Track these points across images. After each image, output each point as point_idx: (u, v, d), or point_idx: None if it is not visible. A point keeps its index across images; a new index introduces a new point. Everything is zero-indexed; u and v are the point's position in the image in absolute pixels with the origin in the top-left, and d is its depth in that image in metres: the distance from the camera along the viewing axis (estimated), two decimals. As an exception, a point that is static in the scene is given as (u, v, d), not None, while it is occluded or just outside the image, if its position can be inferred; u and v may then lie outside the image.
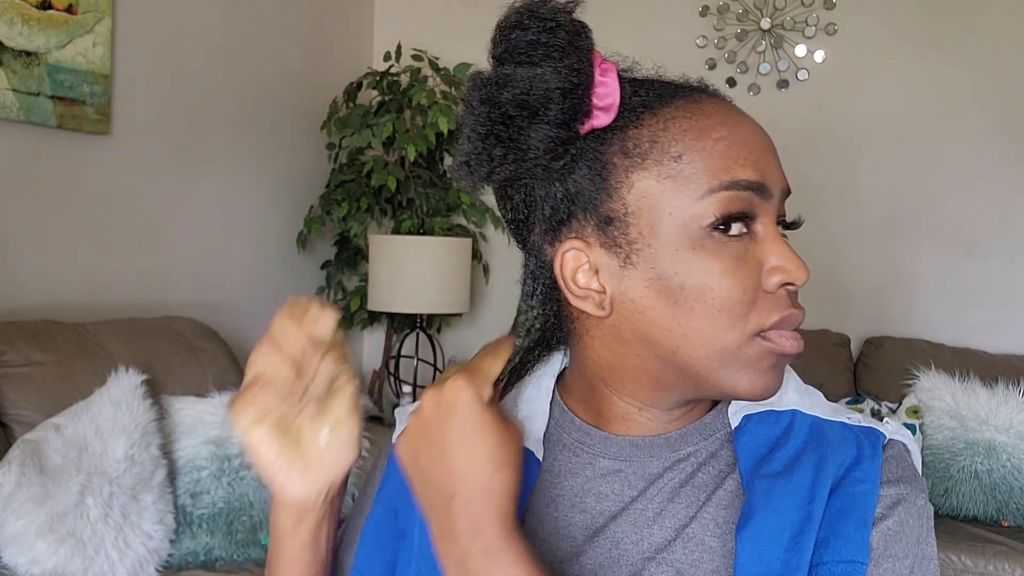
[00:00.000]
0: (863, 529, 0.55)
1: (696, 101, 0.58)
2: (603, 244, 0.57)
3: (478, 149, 0.56)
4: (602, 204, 0.57)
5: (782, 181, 0.58)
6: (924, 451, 2.43)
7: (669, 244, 0.55)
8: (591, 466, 0.62)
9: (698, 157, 0.55)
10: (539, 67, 0.55)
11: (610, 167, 0.56)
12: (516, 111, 0.55)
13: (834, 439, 0.59)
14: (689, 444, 0.62)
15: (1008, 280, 2.86)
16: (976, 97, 2.87)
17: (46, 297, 2.19)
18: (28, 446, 1.66)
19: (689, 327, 0.56)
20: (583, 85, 0.55)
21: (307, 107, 3.10)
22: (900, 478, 0.58)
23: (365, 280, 3.03)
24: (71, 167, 2.26)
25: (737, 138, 0.56)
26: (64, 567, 1.59)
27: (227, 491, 1.88)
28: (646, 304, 0.57)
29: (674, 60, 2.76)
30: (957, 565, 2.17)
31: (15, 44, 2.06)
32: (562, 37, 0.55)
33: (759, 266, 0.56)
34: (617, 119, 0.57)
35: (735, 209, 0.55)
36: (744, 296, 0.55)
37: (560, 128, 0.55)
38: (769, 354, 0.56)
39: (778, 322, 0.56)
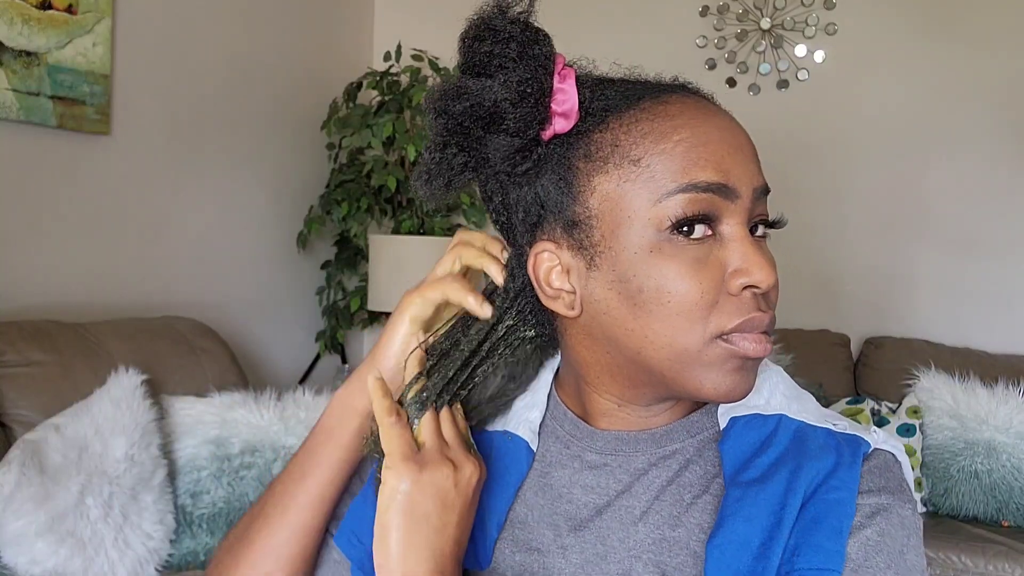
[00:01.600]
0: (836, 538, 0.55)
1: (662, 102, 0.57)
2: (570, 246, 0.59)
3: (436, 159, 0.58)
4: (567, 208, 0.58)
5: (754, 180, 0.57)
6: (924, 451, 2.43)
7: (628, 247, 0.56)
8: (579, 458, 0.64)
9: (657, 160, 0.55)
10: (492, 78, 0.56)
11: (574, 171, 0.58)
12: (471, 122, 0.57)
13: (814, 447, 0.59)
14: (675, 441, 0.63)
15: (1008, 280, 2.86)
16: (976, 97, 2.87)
17: (46, 297, 2.19)
18: (28, 446, 1.66)
19: (649, 329, 0.56)
20: (537, 94, 0.56)
21: (307, 107, 3.10)
22: (882, 488, 0.57)
23: (365, 280, 3.03)
24: (71, 167, 2.26)
25: (700, 139, 0.56)
26: (64, 567, 1.59)
27: (227, 491, 1.88)
28: (610, 305, 0.58)
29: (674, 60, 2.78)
30: (957, 565, 2.17)
31: (15, 44, 2.06)
32: (513, 48, 0.56)
33: (722, 269, 0.56)
34: (581, 123, 0.58)
35: (693, 212, 0.55)
36: (702, 299, 0.55)
37: (517, 136, 0.57)
38: (731, 356, 0.56)
39: (740, 325, 0.55)
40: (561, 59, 0.58)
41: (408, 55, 3.10)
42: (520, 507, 0.65)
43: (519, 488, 0.66)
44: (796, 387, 0.65)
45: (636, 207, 0.56)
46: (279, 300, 3.05)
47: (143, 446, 1.77)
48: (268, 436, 1.94)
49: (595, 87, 0.59)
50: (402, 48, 3.08)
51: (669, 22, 3.15)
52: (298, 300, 3.14)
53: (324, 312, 3.18)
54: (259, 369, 2.84)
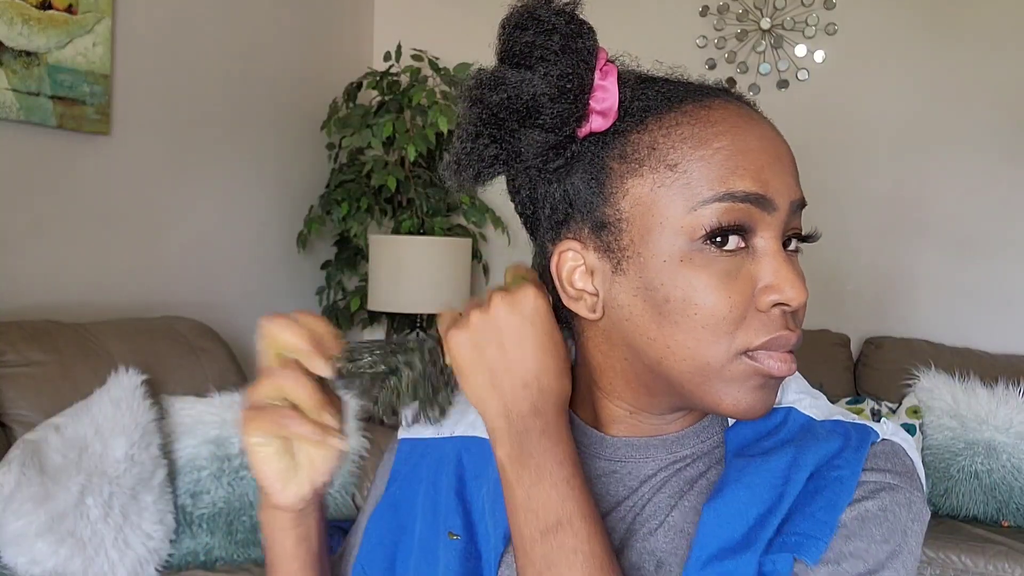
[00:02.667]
0: (830, 510, 0.54)
1: (705, 106, 0.55)
2: (597, 248, 0.57)
3: (467, 149, 0.56)
4: (597, 208, 0.56)
5: (792, 193, 0.56)
6: (924, 451, 2.43)
7: (658, 254, 0.54)
8: (587, 467, 0.63)
9: (695, 166, 0.53)
10: (532, 71, 0.54)
11: (607, 172, 0.56)
12: (506, 114, 0.55)
13: (821, 433, 0.58)
14: (686, 447, 0.62)
15: (1008, 280, 2.86)
16: (976, 97, 2.87)
17: (46, 297, 2.19)
18: (28, 446, 1.66)
19: (672, 340, 0.55)
20: (577, 90, 0.54)
21: (307, 107, 3.10)
22: (889, 470, 0.56)
23: (365, 280, 3.03)
24: (71, 167, 2.26)
25: (740, 147, 0.54)
26: (64, 567, 1.59)
27: (227, 491, 1.88)
28: (633, 312, 0.56)
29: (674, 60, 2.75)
30: (957, 565, 2.17)
31: (15, 44, 2.06)
32: (556, 41, 0.54)
33: (752, 283, 0.54)
34: (619, 123, 0.56)
35: (728, 222, 0.53)
36: (730, 313, 0.53)
37: (552, 132, 0.55)
38: (755, 374, 0.54)
39: (767, 343, 0.54)
40: (604, 54, 0.56)
41: (408, 55, 3.10)
42: None
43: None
44: (809, 387, 0.65)
45: (669, 213, 0.54)
46: (279, 300, 3.05)
47: (143, 446, 1.77)
48: (268, 436, 1.93)
49: (636, 86, 0.57)
50: (402, 48, 3.08)
51: (669, 22, 3.15)
52: (298, 300, 3.14)
53: (324, 312, 3.18)
54: (259, 369, 2.83)
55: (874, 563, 0.53)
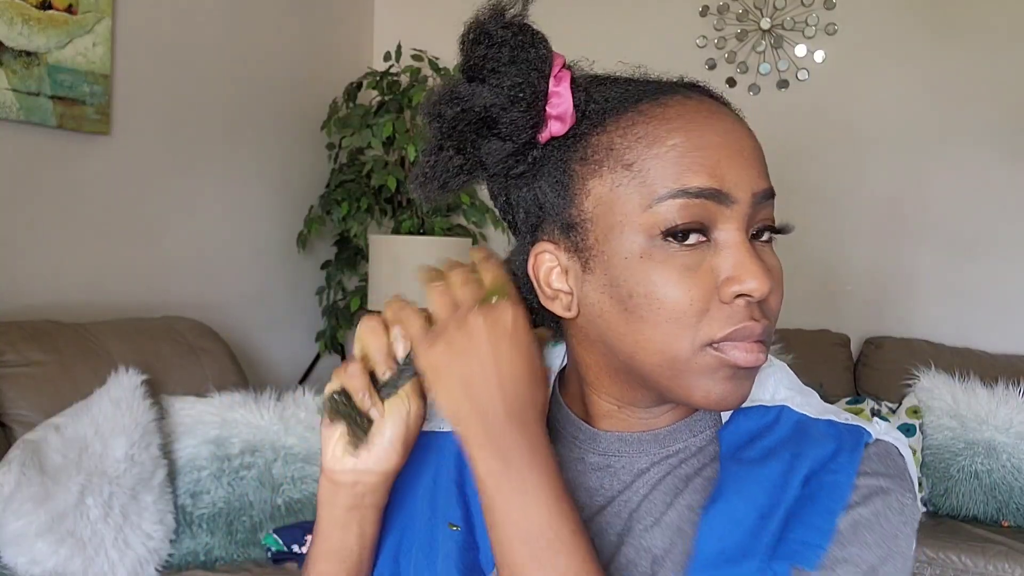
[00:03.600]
0: (827, 516, 0.54)
1: (661, 104, 0.56)
2: (567, 248, 0.59)
3: (431, 162, 0.58)
4: (564, 210, 0.58)
5: (755, 185, 0.56)
6: (924, 451, 2.43)
7: (620, 252, 0.56)
8: (582, 461, 0.64)
9: (650, 164, 0.55)
10: (484, 83, 0.56)
11: (571, 174, 0.57)
12: (464, 126, 0.57)
13: (815, 435, 0.59)
14: (678, 440, 0.62)
15: (1008, 280, 2.86)
16: (976, 97, 2.87)
17: (46, 297, 2.19)
18: (28, 446, 1.66)
19: (640, 335, 0.56)
20: (530, 98, 0.56)
21: (307, 107, 3.10)
22: (882, 473, 0.57)
23: (365, 280, 3.03)
24: (71, 167, 2.26)
25: (695, 143, 0.55)
26: (64, 567, 1.59)
27: (227, 491, 1.88)
28: (603, 309, 0.57)
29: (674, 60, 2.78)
30: (957, 565, 2.17)
31: (15, 44, 2.06)
32: (506, 53, 0.56)
33: (715, 276, 0.55)
34: (579, 125, 0.57)
35: (684, 218, 0.54)
36: (692, 307, 0.54)
37: (510, 140, 0.57)
38: (722, 365, 0.55)
39: (730, 334, 0.54)
40: (559, 61, 0.58)
41: (408, 55, 3.10)
42: None
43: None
44: (801, 384, 0.65)
45: (628, 212, 0.55)
46: (279, 300, 3.05)
47: (143, 446, 1.77)
48: (268, 436, 1.94)
49: (592, 89, 0.58)
50: (402, 48, 3.08)
51: (669, 22, 3.15)
52: (298, 300, 3.14)
53: (324, 312, 3.18)
54: (259, 369, 2.84)
55: (867, 568, 0.54)
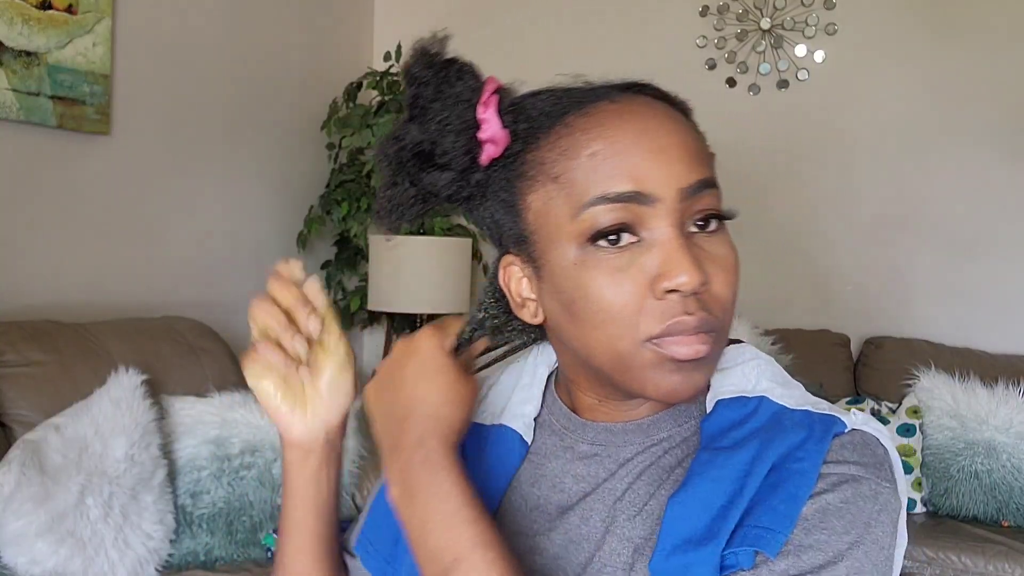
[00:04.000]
0: (790, 503, 0.55)
1: (584, 114, 0.58)
2: (524, 260, 0.62)
3: (387, 196, 0.63)
4: (514, 225, 0.61)
5: (680, 180, 0.56)
6: (924, 451, 2.43)
7: (559, 261, 0.58)
8: (572, 449, 0.66)
9: (573, 175, 0.57)
10: (415, 120, 0.61)
11: (513, 192, 0.61)
12: (406, 162, 0.61)
13: (788, 424, 0.59)
14: (663, 430, 0.64)
15: (1008, 280, 2.86)
16: (976, 97, 2.87)
17: (46, 297, 2.19)
18: (28, 446, 1.66)
19: (588, 337, 0.58)
20: (459, 128, 0.60)
21: (307, 107, 3.10)
22: (854, 461, 0.56)
23: (365, 280, 3.03)
24: (71, 167, 2.26)
25: (612, 148, 0.56)
26: (64, 567, 1.59)
27: (227, 491, 1.88)
28: (557, 315, 0.61)
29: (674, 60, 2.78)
30: (957, 565, 2.17)
31: (15, 44, 2.06)
32: (430, 91, 0.60)
33: (646, 274, 0.56)
34: (514, 145, 0.60)
35: (607, 223, 0.56)
36: (626, 306, 0.56)
37: (449, 169, 0.61)
38: (664, 360, 0.56)
39: (665, 329, 0.56)
40: (490, 86, 0.60)
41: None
42: (515, 497, 0.67)
43: (512, 479, 0.68)
44: (785, 376, 0.65)
45: (560, 223, 0.58)
46: (279, 300, 3.04)
47: (143, 446, 1.77)
48: (268, 436, 1.94)
49: (525, 108, 0.61)
50: (402, 48, 3.07)
51: (669, 22, 3.15)
52: (298, 300, 3.14)
53: (324, 312, 3.17)
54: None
55: (833, 554, 0.53)
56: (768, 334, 2.74)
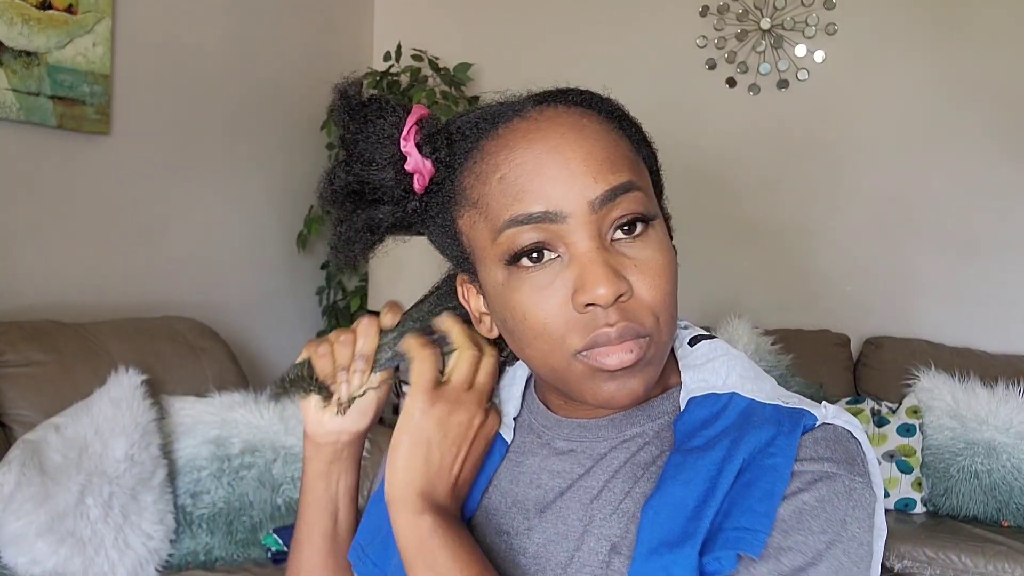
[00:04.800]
0: (767, 501, 0.54)
1: (494, 136, 0.59)
2: (470, 279, 0.65)
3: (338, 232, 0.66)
4: (455, 247, 0.63)
5: (587, 193, 0.56)
6: (924, 451, 2.43)
7: (489, 282, 0.61)
8: (549, 446, 0.67)
9: (487, 200, 0.58)
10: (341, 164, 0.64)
11: (448, 216, 0.63)
12: (343, 199, 0.65)
13: (758, 420, 0.59)
14: (635, 425, 0.64)
15: (1008, 280, 2.86)
16: (976, 97, 2.87)
17: (46, 297, 2.19)
18: (28, 446, 1.66)
19: (524, 352, 0.61)
20: (383, 163, 0.62)
21: (307, 107, 3.10)
22: (827, 458, 0.56)
23: (365, 280, 3.03)
24: (71, 167, 2.26)
25: (518, 171, 0.57)
26: (64, 567, 1.59)
27: (227, 491, 1.88)
28: (501, 330, 0.63)
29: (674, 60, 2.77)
30: (957, 565, 2.17)
31: (15, 44, 2.06)
32: (353, 129, 0.63)
33: (567, 289, 0.57)
34: (440, 172, 0.62)
35: (521, 245, 0.57)
36: (548, 323, 0.57)
37: (384, 202, 0.64)
38: (594, 371, 0.57)
39: (590, 342, 0.56)
40: (412, 117, 0.62)
41: (408, 55, 3.10)
42: (495, 494, 0.68)
43: (492, 477, 0.69)
44: (755, 369, 0.65)
45: (484, 246, 0.59)
46: (279, 300, 3.05)
47: (143, 446, 1.77)
48: (268, 436, 1.94)
49: (442, 136, 0.62)
50: (402, 48, 3.08)
51: (669, 22, 3.15)
52: (298, 300, 3.14)
53: (324, 312, 3.18)
54: (259, 369, 2.83)
55: (812, 555, 0.53)
56: (768, 334, 2.74)
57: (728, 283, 3.07)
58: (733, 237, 3.10)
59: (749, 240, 3.11)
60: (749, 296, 3.06)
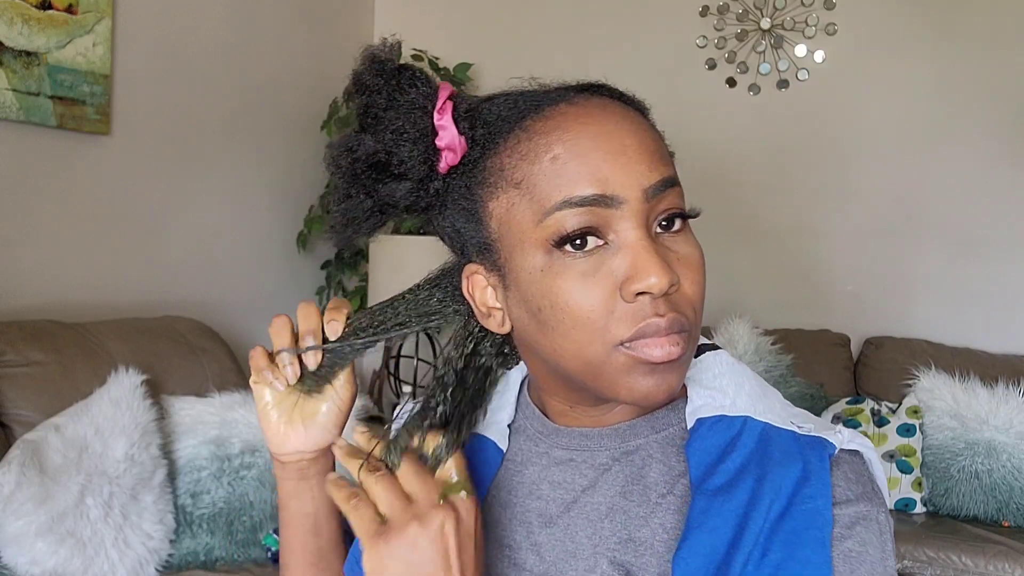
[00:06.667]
0: (821, 550, 0.54)
1: (543, 117, 0.57)
2: (488, 268, 0.61)
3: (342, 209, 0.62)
4: (477, 233, 0.60)
5: (643, 181, 0.55)
6: (924, 451, 2.43)
7: (524, 268, 0.57)
8: (547, 455, 0.65)
9: (535, 180, 0.56)
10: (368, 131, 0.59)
11: (474, 199, 0.59)
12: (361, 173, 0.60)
13: (778, 453, 0.58)
14: (639, 436, 0.63)
15: (1008, 280, 2.86)
16: (976, 97, 2.87)
17: (46, 297, 2.19)
18: (28, 446, 1.66)
19: (556, 344, 0.57)
20: (415, 137, 0.58)
21: (307, 107, 3.10)
22: (859, 496, 0.57)
23: (365, 280, 3.03)
24: (71, 167, 2.26)
25: (573, 152, 0.55)
26: (64, 567, 1.59)
27: (227, 491, 1.88)
28: (525, 322, 0.59)
29: (674, 60, 2.77)
30: (957, 565, 2.17)
31: (15, 44, 2.06)
32: (383, 99, 0.59)
33: (615, 277, 0.55)
34: (472, 151, 0.59)
35: (572, 228, 0.54)
36: (594, 311, 0.55)
37: (406, 179, 0.59)
38: (637, 363, 0.55)
39: (636, 332, 0.55)
40: (444, 92, 0.59)
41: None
42: (494, 506, 0.66)
43: (489, 487, 0.67)
44: (762, 384, 0.65)
45: (524, 229, 0.56)
46: (279, 300, 3.04)
47: (143, 446, 1.77)
48: (268, 436, 1.94)
49: (481, 114, 0.59)
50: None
51: (669, 22, 3.15)
52: (298, 300, 3.12)
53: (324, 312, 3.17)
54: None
55: None
56: (768, 334, 2.74)
57: (728, 283, 3.07)
58: (733, 237, 3.10)
59: (749, 240, 3.11)
60: (749, 296, 3.06)
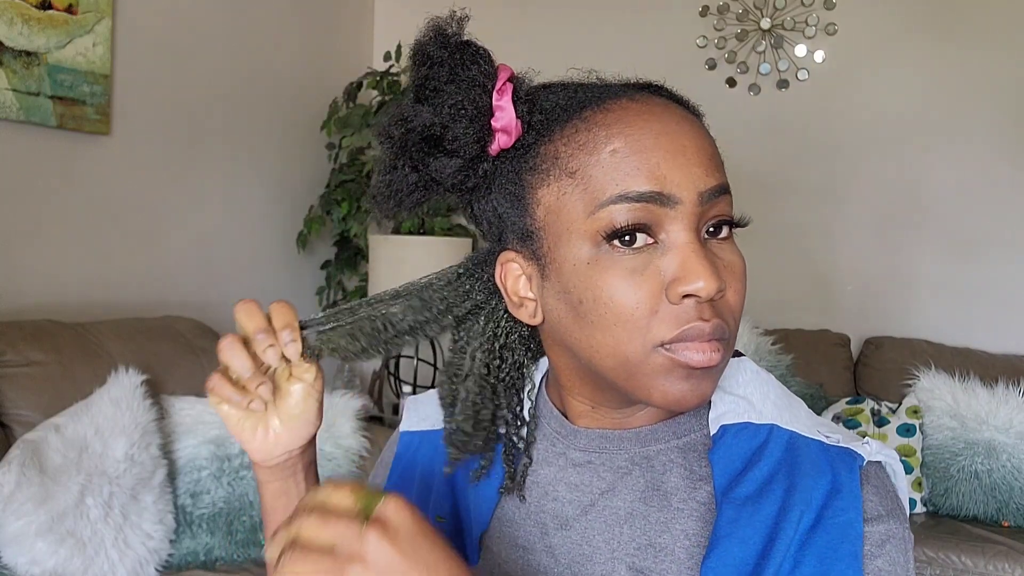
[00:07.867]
0: (855, 565, 0.54)
1: (604, 109, 0.56)
2: (527, 256, 0.59)
3: (386, 180, 0.60)
4: (520, 219, 0.59)
5: (700, 184, 0.55)
6: (924, 451, 2.43)
7: (569, 259, 0.56)
8: (564, 456, 0.65)
9: (591, 171, 0.55)
10: (426, 102, 0.57)
11: (522, 184, 0.58)
12: (412, 145, 0.58)
13: (807, 464, 0.58)
14: (659, 441, 0.62)
15: (1008, 280, 2.86)
16: (976, 97, 2.87)
17: (46, 297, 2.19)
18: (28, 446, 1.66)
19: (593, 339, 0.56)
20: (472, 114, 0.57)
21: (307, 107, 3.10)
22: (888, 512, 0.57)
23: (365, 280, 3.03)
24: (71, 167, 2.26)
25: (634, 147, 0.54)
26: (64, 567, 1.59)
27: (227, 491, 1.88)
28: (561, 315, 0.58)
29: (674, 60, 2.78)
30: (957, 565, 2.17)
31: (15, 44, 2.06)
32: (445, 72, 0.57)
33: (662, 277, 0.55)
34: (526, 136, 0.58)
35: (625, 222, 0.54)
36: (638, 309, 0.54)
37: (457, 156, 0.57)
38: (675, 366, 0.55)
39: (680, 335, 0.54)
40: (504, 74, 0.58)
41: (408, 55, 3.10)
42: (508, 505, 0.66)
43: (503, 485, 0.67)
44: (787, 394, 0.64)
45: (574, 219, 0.55)
46: (279, 300, 3.04)
47: (143, 446, 1.77)
48: (268, 436, 1.94)
49: (538, 99, 0.59)
50: (402, 48, 3.07)
51: (669, 22, 3.15)
52: (298, 300, 3.14)
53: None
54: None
55: None
56: (768, 334, 2.74)
57: (728, 283, 3.07)
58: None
59: (749, 240, 3.08)
60: (749, 296, 3.01)
